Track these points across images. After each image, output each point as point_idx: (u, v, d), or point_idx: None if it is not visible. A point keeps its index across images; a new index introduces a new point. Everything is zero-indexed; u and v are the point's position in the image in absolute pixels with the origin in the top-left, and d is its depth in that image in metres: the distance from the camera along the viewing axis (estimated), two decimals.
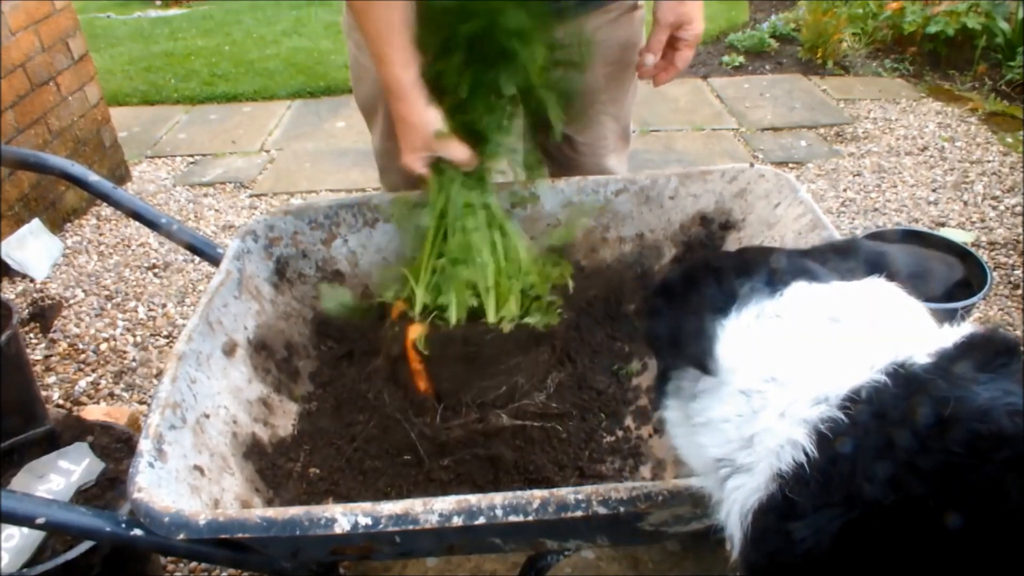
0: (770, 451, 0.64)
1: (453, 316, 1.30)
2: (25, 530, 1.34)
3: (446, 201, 1.32)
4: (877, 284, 0.73)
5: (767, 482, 0.64)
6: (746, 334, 0.71)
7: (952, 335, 0.65)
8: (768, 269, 0.75)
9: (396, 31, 1.22)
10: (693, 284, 0.78)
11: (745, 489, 0.66)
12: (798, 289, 0.72)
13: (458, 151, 1.29)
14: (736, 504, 0.68)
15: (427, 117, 1.26)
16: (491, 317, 1.31)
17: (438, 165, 1.32)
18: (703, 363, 0.71)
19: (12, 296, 2.65)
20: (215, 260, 1.45)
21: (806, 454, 0.61)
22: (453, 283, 1.31)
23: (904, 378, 0.60)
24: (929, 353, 0.62)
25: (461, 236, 1.32)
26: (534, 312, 1.34)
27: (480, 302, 1.32)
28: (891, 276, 0.77)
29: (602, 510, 0.91)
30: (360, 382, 1.43)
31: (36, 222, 2.86)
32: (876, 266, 0.77)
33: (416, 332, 1.31)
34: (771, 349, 0.69)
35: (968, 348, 0.62)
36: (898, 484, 0.56)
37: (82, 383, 2.26)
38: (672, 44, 1.42)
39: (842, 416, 0.61)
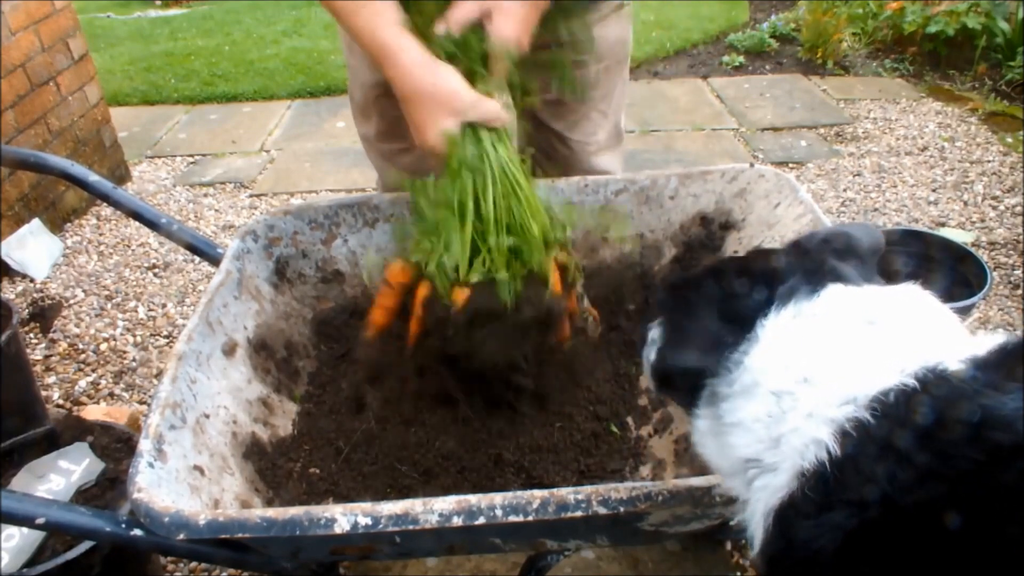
0: (795, 450, 0.65)
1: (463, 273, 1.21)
2: (25, 530, 1.34)
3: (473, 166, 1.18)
4: (912, 290, 0.73)
5: (790, 481, 0.64)
6: (783, 334, 0.71)
7: (986, 343, 0.65)
8: (802, 270, 0.76)
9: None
10: (715, 280, 0.80)
11: (770, 488, 0.67)
12: (834, 291, 0.73)
13: (492, 108, 1.18)
14: (760, 503, 0.68)
15: (451, 80, 1.15)
16: (470, 276, 1.21)
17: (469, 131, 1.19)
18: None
19: (12, 296, 2.65)
20: (215, 260, 1.45)
21: (828, 452, 0.61)
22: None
23: (933, 383, 0.60)
24: (961, 360, 0.62)
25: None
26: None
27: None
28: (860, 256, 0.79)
29: (602, 510, 0.91)
30: (360, 386, 1.43)
31: (36, 222, 2.86)
32: (846, 252, 0.78)
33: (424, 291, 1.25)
34: (806, 350, 0.69)
35: (1001, 357, 0.62)
36: (914, 488, 0.56)
37: (82, 383, 2.26)
38: None
39: (868, 417, 0.61)
